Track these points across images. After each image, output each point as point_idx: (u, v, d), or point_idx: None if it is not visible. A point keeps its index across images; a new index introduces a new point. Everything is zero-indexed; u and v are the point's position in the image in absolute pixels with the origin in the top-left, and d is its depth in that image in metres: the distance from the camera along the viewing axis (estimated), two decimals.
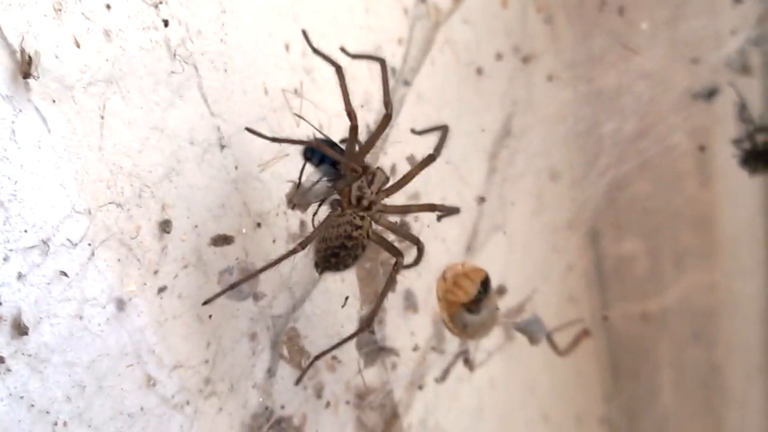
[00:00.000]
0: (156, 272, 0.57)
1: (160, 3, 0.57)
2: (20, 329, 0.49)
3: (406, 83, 0.84)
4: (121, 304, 0.55)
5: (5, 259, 0.48)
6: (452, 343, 0.77)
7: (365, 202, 0.59)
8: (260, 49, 0.66)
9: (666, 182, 1.06)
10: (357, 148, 0.59)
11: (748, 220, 1.13)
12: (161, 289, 0.57)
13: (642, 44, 0.89)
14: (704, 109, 0.98)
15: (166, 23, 0.57)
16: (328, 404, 0.69)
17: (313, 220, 0.62)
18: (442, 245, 0.87)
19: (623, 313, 1.19)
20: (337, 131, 0.72)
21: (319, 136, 0.62)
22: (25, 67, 0.49)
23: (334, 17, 0.75)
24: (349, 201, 0.59)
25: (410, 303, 0.77)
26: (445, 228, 0.83)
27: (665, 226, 1.13)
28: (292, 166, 0.67)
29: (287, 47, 0.69)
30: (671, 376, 1.20)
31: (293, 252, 0.54)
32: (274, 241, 0.64)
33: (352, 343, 0.67)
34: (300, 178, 0.61)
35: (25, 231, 0.49)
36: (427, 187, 0.79)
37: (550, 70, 0.92)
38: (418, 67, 0.86)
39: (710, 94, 0.97)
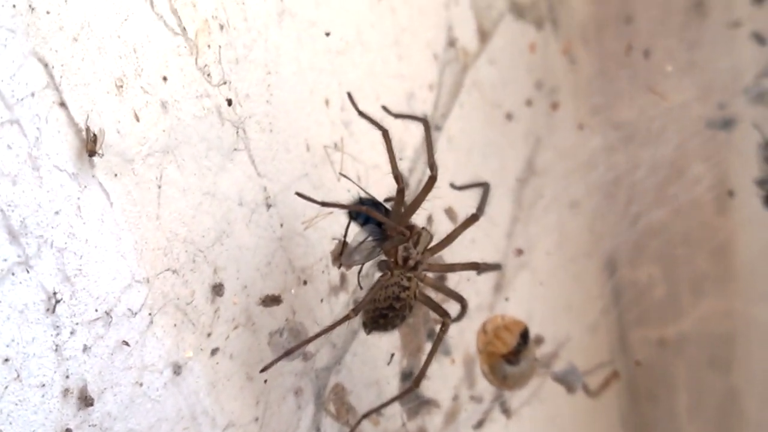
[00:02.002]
0: (209, 335, 0.58)
1: (212, 71, 0.59)
2: (86, 400, 0.50)
3: (437, 128, 0.85)
4: (177, 368, 0.56)
5: (72, 333, 0.50)
6: (486, 389, 0.79)
7: (411, 262, 0.60)
8: (302, 107, 0.68)
9: (683, 209, 1.07)
10: (402, 209, 0.61)
11: (765, 247, 1.14)
12: (214, 351, 0.59)
13: (668, 87, 0.90)
14: (724, 142, 1.00)
15: (218, 89, 0.58)
16: None
17: (358, 280, 0.63)
18: (472, 286, 0.88)
19: (641, 339, 1.20)
20: (374, 183, 0.73)
21: (363, 195, 0.63)
22: (90, 145, 0.50)
23: (370, 69, 0.76)
24: (396, 261, 0.60)
25: (444, 348, 0.78)
26: None
27: (682, 253, 1.14)
28: (334, 220, 0.68)
29: (327, 102, 0.70)
30: (688, 401, 1.21)
31: (347, 318, 0.56)
32: (321, 300, 0.66)
33: None
34: (345, 237, 0.63)
35: (90, 304, 0.51)
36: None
37: (578, 117, 0.93)
38: (448, 111, 0.88)
39: (728, 125, 0.98)
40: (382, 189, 0.66)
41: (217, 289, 0.59)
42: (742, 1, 1.01)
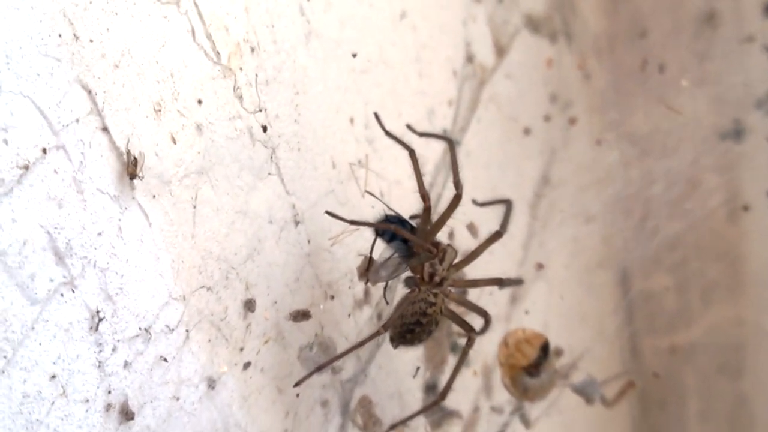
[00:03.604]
0: (242, 349, 0.60)
1: (244, 93, 0.61)
2: (127, 414, 0.52)
3: (456, 143, 0.87)
4: (211, 382, 0.58)
5: (114, 350, 0.52)
6: (506, 400, 0.80)
7: (437, 279, 0.62)
8: (328, 126, 0.70)
9: (697, 222, 1.08)
10: (428, 227, 0.62)
11: None
12: (246, 365, 0.60)
13: (682, 101, 0.92)
14: (738, 154, 1.01)
15: (251, 112, 0.60)
16: None
17: (384, 295, 0.65)
18: (489, 297, 0.90)
19: (653, 348, 1.21)
20: (397, 198, 0.75)
21: (388, 212, 0.65)
22: (131, 168, 0.52)
23: (392, 87, 0.78)
24: (422, 278, 0.62)
25: (465, 361, 0.80)
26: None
27: (695, 263, 1.15)
28: (359, 236, 0.70)
29: (352, 121, 0.72)
30: (698, 407, 1.23)
31: (377, 334, 0.57)
32: (348, 315, 0.67)
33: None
34: (371, 253, 0.64)
35: (130, 321, 0.53)
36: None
37: (595, 132, 0.95)
38: (466, 126, 0.89)
39: (741, 137, 1.00)
40: (405, 204, 0.68)
41: (249, 305, 0.60)
42: (754, 14, 1.03)
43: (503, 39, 0.97)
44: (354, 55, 0.71)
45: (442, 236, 0.70)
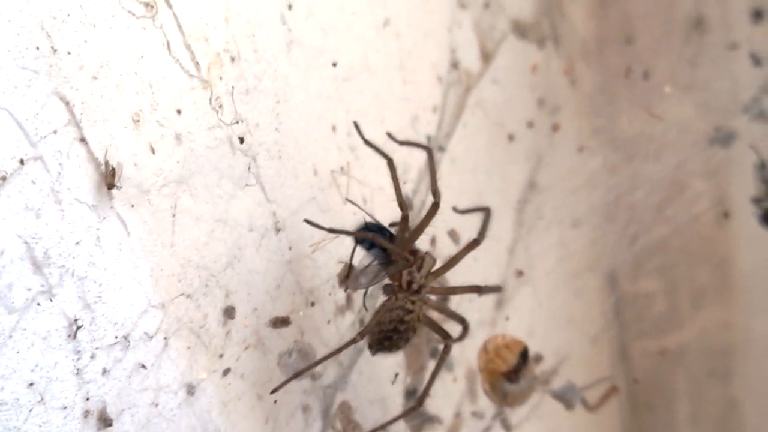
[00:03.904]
0: (221, 356, 0.61)
1: (224, 102, 0.61)
2: (105, 421, 0.53)
3: (441, 149, 0.88)
4: (191, 389, 0.59)
5: (92, 357, 0.52)
6: (488, 405, 0.81)
7: (415, 286, 0.63)
8: (310, 134, 0.70)
9: (683, 226, 1.09)
10: (406, 234, 0.63)
11: (762, 262, 1.16)
12: (226, 372, 0.61)
13: (666, 108, 0.93)
14: (724, 158, 1.02)
15: (229, 121, 0.61)
16: None
17: (364, 302, 0.66)
18: (473, 303, 0.90)
19: (641, 350, 1.22)
20: (379, 204, 0.76)
21: (368, 219, 0.66)
22: (109, 179, 0.53)
23: (375, 94, 0.79)
24: (400, 285, 0.63)
25: (447, 366, 0.80)
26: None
27: (682, 267, 1.16)
28: (340, 243, 0.70)
29: (334, 128, 0.73)
30: (688, 411, 1.23)
31: (353, 341, 0.58)
32: (328, 321, 0.68)
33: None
34: (351, 261, 0.65)
35: (109, 329, 0.53)
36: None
37: (579, 138, 0.96)
38: (451, 132, 0.90)
39: (726, 144, 1.01)
40: (387, 210, 0.68)
41: (229, 312, 0.61)
42: (742, 21, 1.03)
43: (489, 45, 0.97)
44: (334, 64, 0.71)
45: (424, 243, 0.71)
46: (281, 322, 0.64)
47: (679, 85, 0.99)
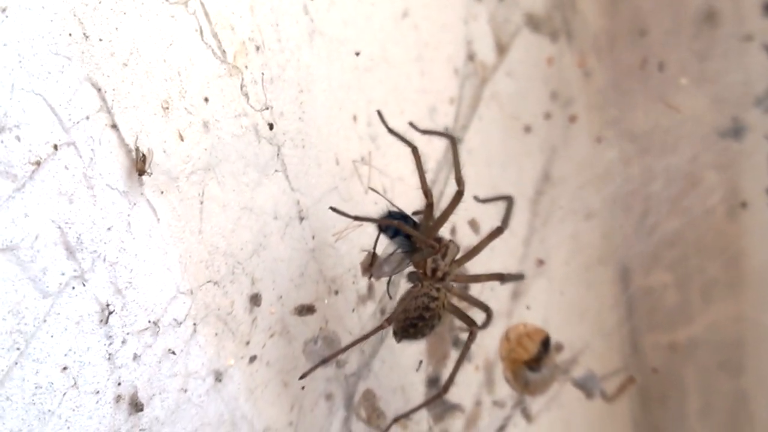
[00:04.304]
0: (248, 343, 0.61)
1: (249, 91, 0.62)
2: (136, 406, 0.53)
3: (458, 140, 0.88)
4: (218, 375, 0.59)
5: (123, 342, 0.53)
6: (508, 394, 0.81)
7: (440, 274, 0.63)
8: (332, 123, 0.71)
9: (697, 219, 1.09)
10: (431, 222, 0.63)
11: None
12: (252, 359, 0.61)
13: (681, 99, 0.93)
14: (737, 152, 1.02)
15: (257, 110, 0.61)
16: None
17: (388, 290, 0.66)
18: (490, 293, 0.91)
19: (653, 342, 1.22)
20: (400, 194, 0.76)
21: (391, 208, 0.66)
22: (140, 165, 0.53)
23: (394, 86, 0.79)
24: (425, 273, 0.63)
25: (467, 355, 0.81)
26: None
27: (695, 260, 1.16)
28: (362, 231, 0.71)
29: (355, 118, 0.73)
30: (699, 404, 1.24)
31: (381, 328, 0.58)
32: (352, 310, 0.68)
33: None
34: (374, 249, 0.65)
35: (139, 315, 0.54)
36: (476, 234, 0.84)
37: (595, 130, 0.96)
38: (468, 123, 0.90)
39: (740, 135, 1.01)
40: (407, 200, 0.69)
41: (255, 300, 0.61)
42: (754, 13, 1.04)
43: (504, 37, 0.98)
44: (357, 54, 0.72)
45: (444, 232, 0.71)
46: (306, 309, 0.65)
47: (693, 78, 1.00)
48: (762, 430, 1.21)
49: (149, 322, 0.54)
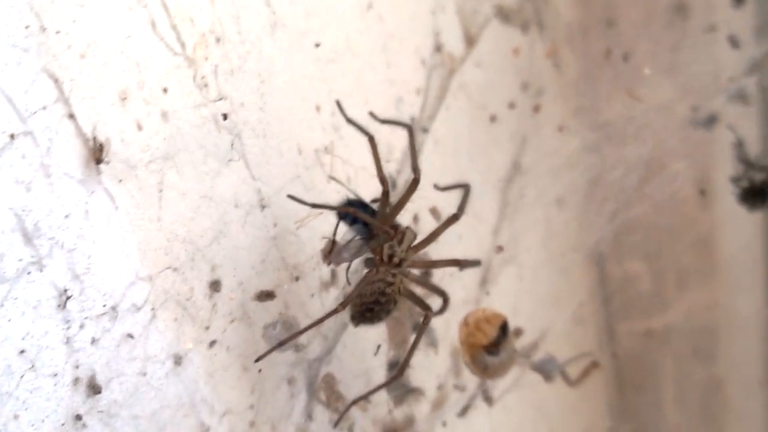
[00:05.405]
0: (207, 328, 0.63)
1: (209, 82, 0.63)
2: (94, 389, 0.55)
3: (425, 130, 0.90)
4: (178, 359, 0.61)
5: (81, 327, 0.54)
6: (470, 379, 0.83)
7: (396, 260, 0.65)
8: (294, 114, 0.72)
9: (666, 205, 1.11)
10: (387, 210, 0.65)
11: (747, 241, 1.18)
12: (212, 343, 0.63)
13: (646, 90, 0.95)
14: (704, 139, 1.04)
15: (215, 100, 0.63)
16: None
17: (347, 276, 0.68)
18: (458, 281, 0.93)
19: (628, 331, 1.24)
20: (363, 183, 0.78)
21: (351, 196, 0.67)
22: (97, 154, 0.54)
23: (359, 76, 0.81)
24: (381, 259, 0.65)
25: (431, 340, 0.83)
26: None
27: (667, 248, 1.18)
28: (324, 220, 0.72)
29: (318, 108, 0.75)
30: (674, 391, 1.25)
31: (335, 312, 0.60)
32: (312, 295, 0.70)
33: None
34: (334, 236, 0.67)
35: (98, 300, 0.55)
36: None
37: (559, 119, 0.98)
38: (434, 114, 0.92)
39: (706, 124, 1.02)
40: (371, 189, 0.70)
41: (215, 286, 0.63)
42: (724, 5, 1.05)
43: (473, 29, 0.99)
44: (317, 45, 0.73)
45: (406, 220, 0.73)
46: (266, 295, 0.66)
47: (660, 68, 1.01)
48: (736, 415, 1.23)
49: (107, 307, 0.56)
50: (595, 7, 1.14)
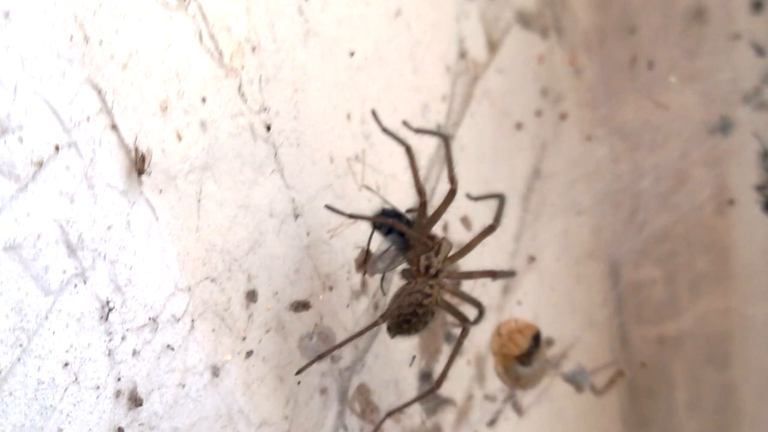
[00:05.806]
0: (244, 338, 0.62)
1: (246, 91, 0.63)
2: (136, 401, 0.54)
3: (450, 137, 0.89)
4: (215, 370, 0.60)
5: (123, 339, 0.54)
6: (499, 388, 0.83)
7: (433, 271, 0.64)
8: (326, 122, 0.72)
9: (686, 215, 1.11)
10: (424, 220, 0.65)
11: (762, 249, 1.18)
12: (248, 354, 0.63)
13: (671, 97, 0.94)
14: (726, 149, 1.04)
15: (257, 109, 0.63)
16: None
17: (381, 286, 0.67)
18: (482, 288, 0.92)
19: (642, 336, 1.24)
20: (393, 191, 0.78)
21: (385, 206, 0.67)
22: (139, 165, 0.54)
23: (387, 83, 0.80)
24: (419, 270, 0.64)
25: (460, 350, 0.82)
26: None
27: (683, 255, 1.17)
28: (356, 229, 0.72)
29: (349, 117, 0.74)
30: (686, 397, 1.25)
31: (375, 324, 0.60)
32: (347, 305, 0.70)
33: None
34: (368, 246, 0.67)
35: (139, 311, 0.55)
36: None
37: (586, 128, 0.98)
38: (459, 120, 0.92)
39: (728, 133, 1.02)
40: (400, 197, 0.70)
41: (251, 296, 0.63)
42: (742, 11, 1.05)
43: (495, 35, 0.99)
44: (352, 54, 0.73)
45: (436, 229, 0.73)
46: (301, 306, 0.66)
47: (682, 75, 1.01)
48: (749, 422, 1.23)
49: (148, 318, 0.55)
50: (614, 13, 1.14)
